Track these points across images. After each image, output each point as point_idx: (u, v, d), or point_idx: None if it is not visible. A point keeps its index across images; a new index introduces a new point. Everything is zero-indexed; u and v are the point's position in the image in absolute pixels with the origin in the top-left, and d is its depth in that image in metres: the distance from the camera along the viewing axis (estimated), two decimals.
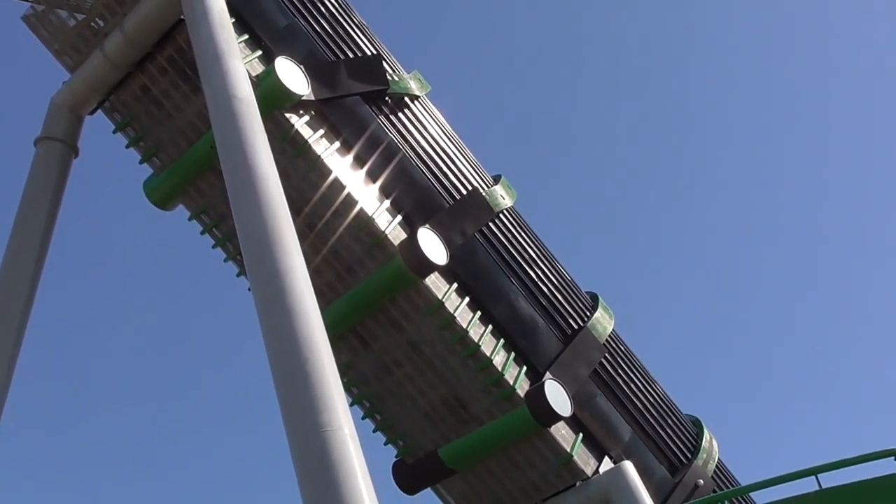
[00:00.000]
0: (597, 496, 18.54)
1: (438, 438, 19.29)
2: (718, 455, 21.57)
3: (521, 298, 19.54)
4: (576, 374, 19.35)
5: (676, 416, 21.51)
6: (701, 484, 20.50)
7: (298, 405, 11.23)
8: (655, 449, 20.45)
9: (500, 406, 18.57)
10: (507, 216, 20.41)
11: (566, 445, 18.65)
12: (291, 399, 11.35)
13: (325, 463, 10.61)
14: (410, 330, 18.48)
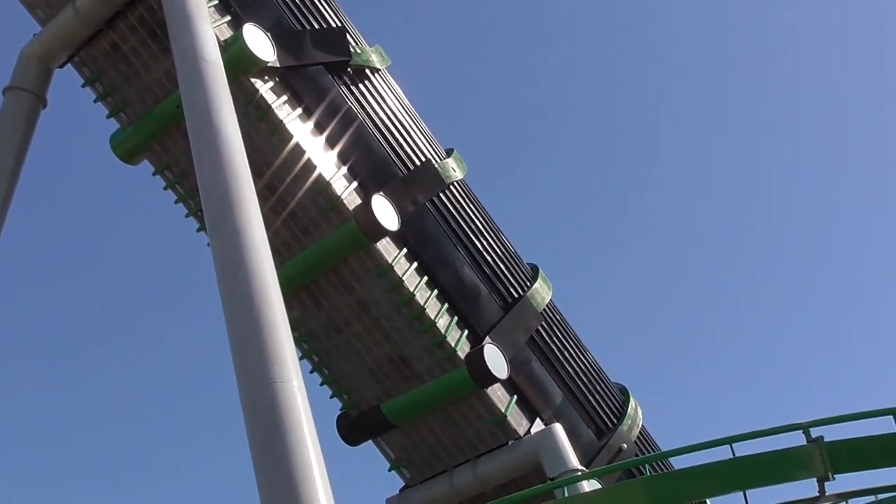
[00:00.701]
0: (527, 455, 18.73)
1: (382, 394, 19.35)
2: (642, 422, 21.88)
3: (466, 266, 19.60)
4: (514, 339, 19.49)
5: (605, 383, 21.76)
6: (625, 448, 20.80)
7: (250, 357, 11.18)
8: (584, 413, 20.68)
9: (441, 366, 18.66)
10: (458, 188, 20.42)
11: (501, 406, 18.82)
12: (244, 351, 11.29)
13: (273, 413, 10.59)
14: (360, 291, 18.48)
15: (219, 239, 12.35)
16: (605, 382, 21.79)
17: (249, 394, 10.92)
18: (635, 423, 21.53)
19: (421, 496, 19.79)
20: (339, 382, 19.79)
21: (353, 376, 19.52)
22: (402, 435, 19.68)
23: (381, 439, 20.09)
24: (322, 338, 19.29)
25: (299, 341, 18.93)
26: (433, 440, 19.45)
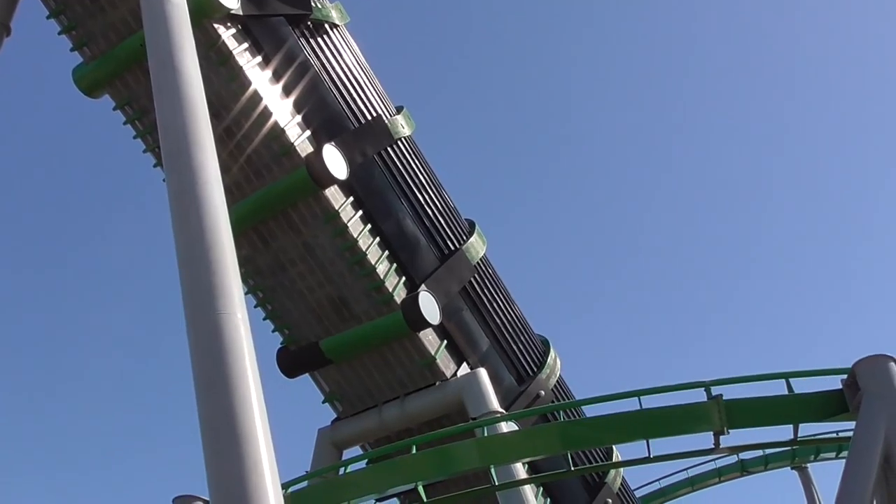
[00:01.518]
0: (452, 396, 18.94)
1: (321, 332, 19.35)
2: (560, 372, 22.22)
3: (408, 218, 19.60)
4: (447, 289, 19.60)
5: (529, 334, 22.02)
6: (542, 395, 21.13)
7: (198, 289, 11.07)
8: (507, 361, 20.93)
9: (378, 309, 18.71)
10: (405, 144, 20.34)
11: (431, 349, 18.97)
12: (193, 283, 11.17)
13: (217, 344, 10.52)
14: (307, 234, 18.40)
15: (174, 174, 12.14)
16: (529, 334, 22.06)
17: (196, 324, 10.83)
18: (553, 373, 21.87)
19: (351, 428, 19.93)
20: (281, 318, 19.73)
21: (295, 313, 19.47)
22: (337, 370, 19.74)
23: (318, 373, 20.12)
24: (267, 275, 19.18)
25: (246, 277, 18.83)
26: (366, 377, 19.54)
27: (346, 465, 17.71)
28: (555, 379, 21.86)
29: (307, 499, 15.65)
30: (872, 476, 11.40)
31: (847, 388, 12.69)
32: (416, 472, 14.96)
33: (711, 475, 34.21)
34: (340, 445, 19.96)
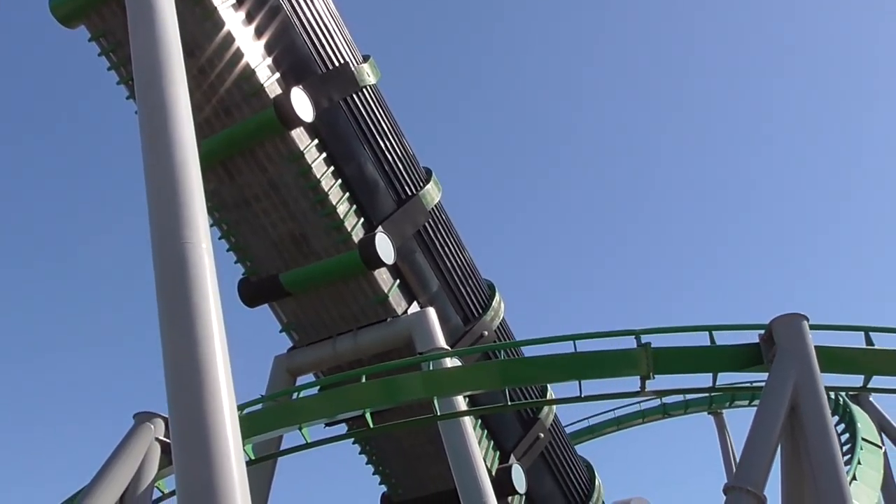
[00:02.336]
0: (402, 331, 19.06)
1: (281, 265, 19.25)
2: (503, 315, 22.44)
3: (369, 162, 19.47)
4: (402, 231, 19.60)
5: (476, 278, 22.16)
6: (485, 335, 21.36)
7: (165, 218, 10.95)
8: (455, 302, 21.08)
9: (336, 247, 18.66)
10: (370, 92, 20.07)
11: (384, 287, 19.01)
12: (160, 212, 11.04)
13: (182, 272, 10.45)
14: (272, 172, 18.19)
15: (146, 107, 11.91)
16: (476, 278, 22.19)
17: (162, 252, 10.73)
18: (497, 315, 22.08)
19: (306, 356, 19.99)
20: (243, 251, 19.58)
21: (257, 247, 19.34)
22: (294, 302, 19.71)
23: (276, 304, 20.07)
24: (233, 209, 18.97)
25: (212, 210, 18.60)
26: (322, 310, 19.56)
27: (299, 390, 17.79)
28: (498, 321, 22.08)
29: (261, 421, 15.73)
30: (780, 423, 11.74)
31: (763, 342, 12.99)
32: (364, 400, 15.10)
33: (636, 416, 35.06)
34: (295, 372, 20.04)
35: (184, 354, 9.83)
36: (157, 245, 10.80)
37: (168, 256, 10.61)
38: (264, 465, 17.90)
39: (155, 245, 10.85)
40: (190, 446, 9.48)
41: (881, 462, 21.35)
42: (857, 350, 13.39)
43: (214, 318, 10.19)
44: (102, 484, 13.29)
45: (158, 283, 10.61)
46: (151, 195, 11.24)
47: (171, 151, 11.32)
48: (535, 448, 22.11)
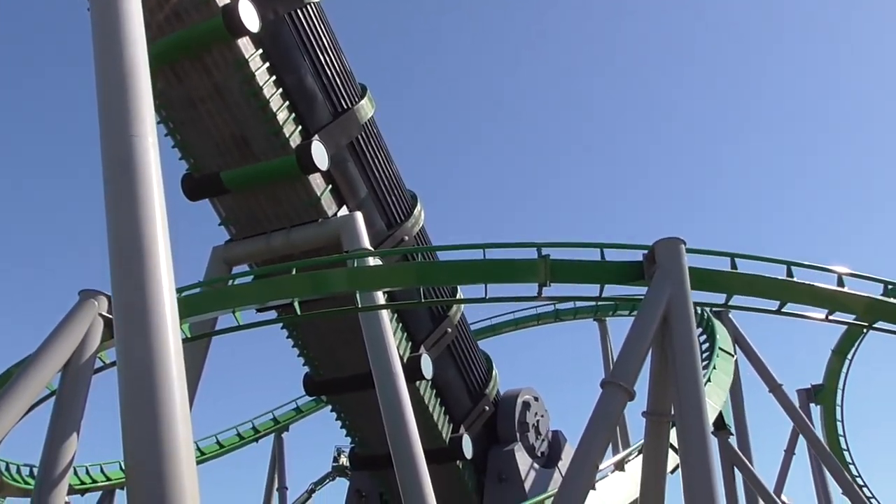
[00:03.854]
0: (331, 232, 18.98)
1: (222, 164, 18.76)
2: (423, 223, 22.51)
3: (309, 75, 18.94)
4: (337, 141, 19.28)
5: (401, 189, 22.08)
6: (406, 239, 21.45)
7: (114, 112, 10.53)
8: (380, 208, 21.03)
9: (275, 151, 18.26)
10: (313, 9, 19.34)
11: (317, 191, 18.81)
12: (110, 106, 10.61)
13: (129, 164, 10.14)
14: (217, 77, 17.52)
15: (98, 4, 11.26)
16: (401, 188, 22.11)
17: (110, 142, 10.36)
18: (418, 223, 22.15)
19: (242, 249, 19.76)
20: (188, 149, 18.96)
21: (201, 146, 18.75)
22: (233, 199, 19.34)
23: (217, 200, 19.67)
24: (179, 109, 18.25)
25: (159, 108, 17.84)
26: (258, 208, 19.27)
27: (234, 278, 17.65)
28: (418, 228, 22.17)
29: (198, 303, 15.57)
30: (653, 330, 12.19)
31: (646, 261, 13.32)
32: (293, 290, 15.07)
33: (531, 319, 36.02)
34: (231, 262, 19.82)
35: (127, 236, 9.62)
36: (106, 136, 10.41)
37: (116, 147, 10.26)
38: (199, 344, 17.84)
39: (103, 135, 10.46)
40: (131, 321, 9.39)
41: (732, 368, 22.59)
42: (722, 273, 13.88)
43: (157, 204, 9.97)
44: (47, 352, 13.01)
45: (106, 170, 10.27)
46: (101, 88, 10.76)
47: (122, 49, 10.80)
48: (443, 341, 22.58)
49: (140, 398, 9.21)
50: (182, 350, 9.69)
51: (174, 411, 9.13)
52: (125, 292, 9.60)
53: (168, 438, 8.97)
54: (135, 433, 9.18)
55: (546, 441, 26.05)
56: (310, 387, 22.82)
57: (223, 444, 32.58)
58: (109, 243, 9.92)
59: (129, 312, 9.45)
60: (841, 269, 14.89)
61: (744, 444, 24.01)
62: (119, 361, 9.60)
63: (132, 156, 10.08)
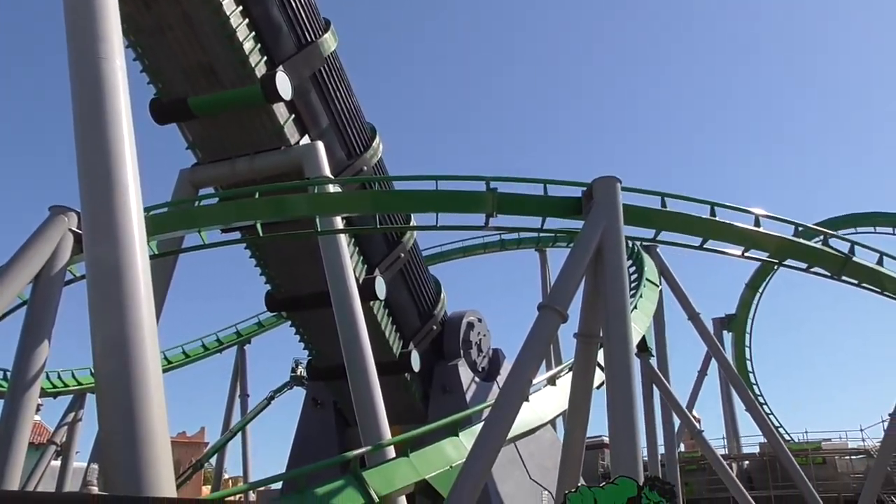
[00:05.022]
0: (293, 159, 18.63)
1: (189, 90, 18.10)
2: (381, 155, 22.23)
3: (275, 7, 18.24)
4: (300, 73, 18.75)
5: (361, 121, 21.70)
6: (365, 169, 21.21)
7: (82, 34, 10.04)
8: (341, 139, 20.67)
9: (241, 80, 17.68)
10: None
11: (281, 120, 18.38)
12: (78, 28, 10.10)
13: (97, 84, 9.73)
14: (186, 5, 16.70)
15: None
16: (361, 120, 21.73)
17: (79, 65, 9.91)
18: (376, 154, 21.86)
19: (208, 172, 19.30)
20: (156, 74, 18.21)
21: (168, 71, 18.03)
22: (200, 125, 18.78)
23: (184, 125, 19.06)
24: (147, 35, 17.43)
25: (127, 33, 17.03)
26: (224, 133, 18.76)
27: (200, 199, 17.31)
28: (376, 159, 21.90)
29: (165, 222, 15.28)
30: (587, 261, 12.38)
31: (585, 197, 13.44)
32: (256, 212, 14.88)
33: (478, 247, 36.30)
34: (197, 185, 19.35)
35: (96, 154, 9.31)
36: (74, 57, 9.95)
37: (84, 68, 9.83)
38: (166, 261, 17.56)
39: (72, 57, 10.00)
40: (99, 236, 9.18)
41: (656, 297, 23.14)
42: (653, 210, 14.09)
43: (125, 124, 9.64)
44: (18, 264, 12.70)
45: (74, 91, 9.86)
46: (69, 11, 10.23)
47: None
48: (396, 265, 22.64)
49: (108, 309, 9.09)
50: (149, 265, 9.54)
51: (141, 321, 9.04)
52: (94, 208, 9.35)
53: (135, 346, 8.91)
54: (104, 341, 9.09)
55: (487, 358, 26.60)
56: (271, 303, 22.77)
57: (189, 353, 32.56)
58: (78, 161, 9.60)
59: (98, 228, 9.23)
60: (758, 210, 15.26)
61: (662, 365, 24.80)
62: (88, 274, 9.42)
63: (100, 77, 9.68)
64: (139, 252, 9.11)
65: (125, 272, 8.91)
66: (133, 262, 8.98)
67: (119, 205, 9.11)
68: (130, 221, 9.15)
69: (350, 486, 12.58)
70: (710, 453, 24.71)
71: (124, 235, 9.02)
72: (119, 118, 9.54)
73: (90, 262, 9.25)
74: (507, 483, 21.27)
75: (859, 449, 30.47)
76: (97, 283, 9.08)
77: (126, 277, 8.90)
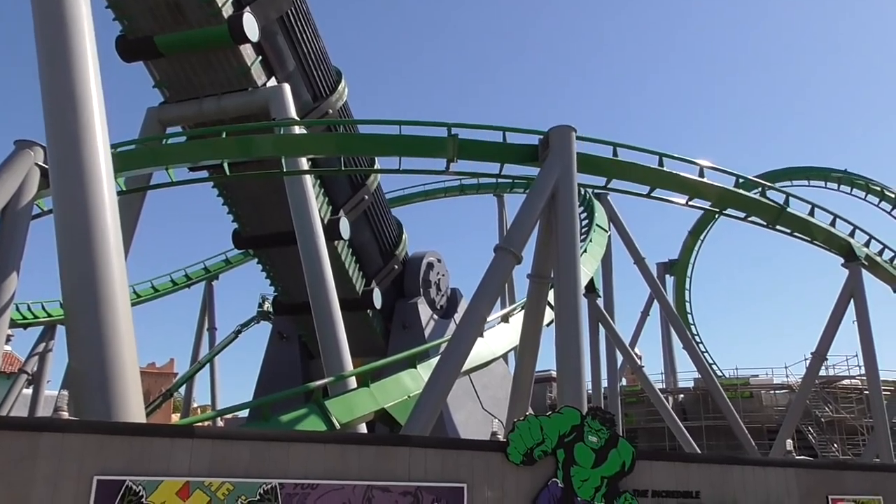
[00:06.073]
0: (260, 100, 18.14)
1: (156, 28, 17.34)
2: (346, 99, 21.79)
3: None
4: (267, 14, 18.12)
5: (327, 64, 21.17)
6: (330, 112, 20.79)
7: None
8: (307, 82, 20.17)
9: (208, 20, 17.01)
10: None
11: (248, 61, 17.82)
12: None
13: (62, 20, 9.25)
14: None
15: None
16: (327, 64, 21.21)
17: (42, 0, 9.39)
18: (341, 98, 21.42)
19: (175, 111, 18.68)
20: (121, 10, 17.31)
21: (135, 8, 17.17)
22: (167, 63, 18.06)
23: (151, 63, 18.34)
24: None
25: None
26: (191, 73, 18.11)
27: (167, 137, 16.85)
28: (342, 102, 21.47)
29: (133, 159, 14.86)
30: (541, 206, 12.47)
31: (541, 145, 13.46)
32: (223, 151, 14.57)
33: (439, 192, 36.20)
34: (165, 123, 18.74)
35: (61, 88, 8.93)
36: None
37: (48, 1, 9.32)
38: (135, 197, 17.14)
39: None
40: (66, 171, 8.88)
41: (605, 242, 23.49)
42: (605, 159, 14.18)
43: (90, 57, 9.23)
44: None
45: (38, 25, 9.38)
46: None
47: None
48: (360, 206, 22.49)
49: (77, 243, 8.87)
50: (116, 199, 9.29)
51: (109, 254, 8.85)
52: (60, 143, 9.01)
53: (104, 279, 8.74)
54: (73, 275, 8.89)
55: (445, 296, 26.84)
56: (238, 241, 22.49)
57: (158, 288, 32.16)
58: (43, 96, 9.20)
59: (64, 162, 8.92)
60: (703, 162, 15.46)
61: (608, 306, 25.34)
62: (55, 209, 9.14)
63: (64, 10, 9.20)
64: (106, 187, 8.85)
65: (92, 207, 8.67)
66: (100, 197, 8.73)
67: (85, 140, 8.80)
68: (97, 157, 8.85)
69: (313, 413, 12.74)
70: (649, 387, 25.55)
71: (91, 170, 8.74)
72: (84, 52, 9.12)
73: (57, 196, 8.97)
74: (461, 412, 21.75)
75: (783, 384, 31.79)
76: (64, 217, 8.83)
77: (93, 212, 8.66)
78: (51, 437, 6.40)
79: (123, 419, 8.35)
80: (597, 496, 8.17)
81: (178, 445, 6.75)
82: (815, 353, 20.59)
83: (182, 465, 6.66)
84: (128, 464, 6.50)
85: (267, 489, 6.87)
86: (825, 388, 30.50)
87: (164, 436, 6.79)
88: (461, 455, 7.82)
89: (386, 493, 7.25)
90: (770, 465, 9.75)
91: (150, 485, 6.52)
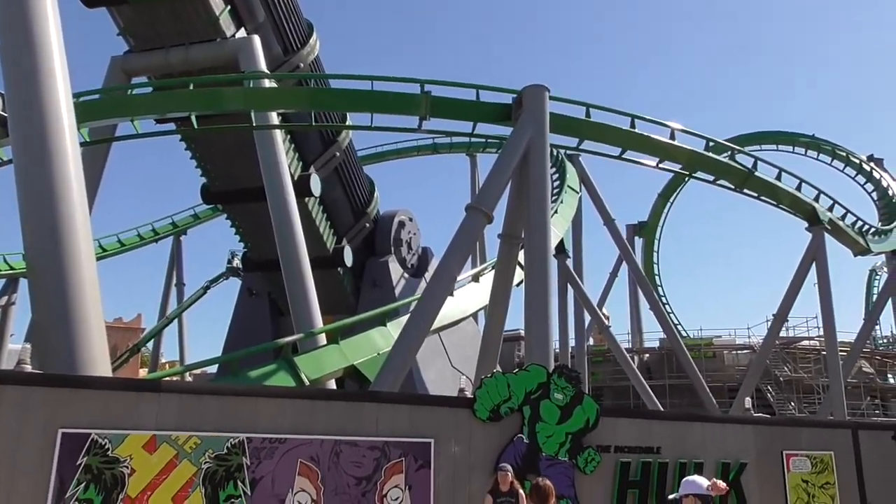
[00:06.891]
0: (229, 52, 17.67)
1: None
2: (318, 53, 21.32)
3: None
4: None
5: (298, 17, 20.60)
6: (302, 66, 20.35)
7: None
8: (277, 34, 19.65)
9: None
10: None
11: (216, 10, 17.30)
12: None
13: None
14: None
15: None
16: (298, 16, 20.66)
17: None
18: (313, 51, 20.95)
19: (141, 61, 18.13)
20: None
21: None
22: (132, 10, 17.45)
23: (115, 9, 17.69)
24: None
25: None
26: (158, 22, 17.52)
27: (132, 88, 16.39)
28: (313, 56, 21.00)
29: (97, 109, 14.47)
30: (513, 166, 12.47)
31: (515, 104, 13.39)
32: (190, 104, 14.23)
33: (412, 150, 35.93)
34: (129, 73, 18.18)
35: (19, 33, 8.57)
36: None
37: None
38: (99, 149, 16.70)
39: None
40: (25, 118, 8.59)
41: (576, 203, 23.62)
42: (577, 120, 14.16)
43: (50, 7, 8.87)
44: None
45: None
46: None
47: None
48: (332, 163, 22.20)
49: (38, 194, 8.62)
50: (80, 150, 9.04)
51: (72, 205, 8.63)
52: (18, 90, 8.69)
53: (66, 230, 8.54)
54: (34, 226, 8.67)
55: (416, 255, 26.82)
56: (206, 196, 22.13)
57: (124, 242, 31.67)
58: (1, 40, 8.84)
59: (24, 110, 8.62)
60: (674, 124, 15.52)
61: (578, 266, 25.59)
62: (14, 158, 8.86)
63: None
64: (68, 137, 8.59)
65: (53, 156, 8.42)
66: (62, 146, 8.48)
67: (45, 87, 8.49)
68: (58, 105, 8.56)
69: (282, 369, 12.76)
70: (616, 347, 26.02)
71: (51, 119, 8.46)
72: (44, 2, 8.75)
73: (16, 145, 8.68)
74: (431, 370, 21.96)
75: (745, 345, 32.61)
76: (25, 167, 8.56)
77: (55, 161, 8.42)
78: (14, 389, 6.32)
79: (88, 372, 8.27)
80: (561, 451, 8.36)
81: (145, 399, 6.72)
82: (776, 314, 21.08)
83: (149, 418, 6.64)
84: (93, 417, 6.46)
85: (235, 443, 6.89)
86: (785, 349, 31.34)
87: (131, 389, 6.75)
88: (429, 411, 7.92)
89: (354, 447, 7.32)
90: (729, 423, 10.05)
91: (116, 438, 6.51)
